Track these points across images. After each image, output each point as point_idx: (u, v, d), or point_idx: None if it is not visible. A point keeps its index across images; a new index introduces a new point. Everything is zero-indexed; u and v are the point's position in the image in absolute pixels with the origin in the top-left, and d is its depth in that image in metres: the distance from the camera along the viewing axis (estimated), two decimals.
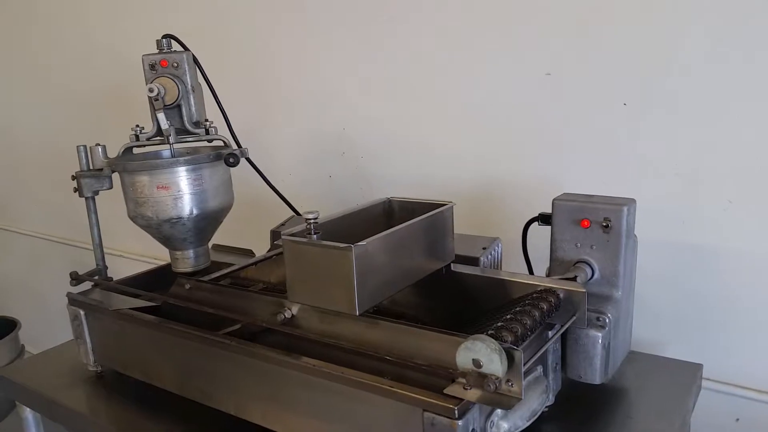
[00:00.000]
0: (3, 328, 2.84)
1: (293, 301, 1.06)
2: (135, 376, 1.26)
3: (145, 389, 1.22)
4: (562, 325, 0.99)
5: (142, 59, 1.32)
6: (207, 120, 1.38)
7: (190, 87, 1.34)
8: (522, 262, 1.32)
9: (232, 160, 1.32)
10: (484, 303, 1.10)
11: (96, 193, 1.38)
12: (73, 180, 1.36)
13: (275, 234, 1.46)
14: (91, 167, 1.37)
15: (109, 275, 1.44)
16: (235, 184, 1.41)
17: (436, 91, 1.61)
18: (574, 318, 0.99)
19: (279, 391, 1.00)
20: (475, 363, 0.78)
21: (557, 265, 1.12)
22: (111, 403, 1.26)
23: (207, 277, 1.28)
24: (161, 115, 1.31)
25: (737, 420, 1.34)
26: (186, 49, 1.37)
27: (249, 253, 1.56)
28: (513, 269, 1.24)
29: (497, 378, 0.77)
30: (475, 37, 1.51)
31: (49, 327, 3.02)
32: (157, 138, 1.35)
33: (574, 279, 1.04)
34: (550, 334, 0.99)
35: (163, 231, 1.31)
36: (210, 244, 1.44)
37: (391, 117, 1.71)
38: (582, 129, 1.40)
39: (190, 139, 1.37)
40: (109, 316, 1.26)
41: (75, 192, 1.36)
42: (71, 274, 1.39)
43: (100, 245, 1.44)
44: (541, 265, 1.21)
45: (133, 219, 1.33)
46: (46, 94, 2.78)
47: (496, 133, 1.53)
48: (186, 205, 1.29)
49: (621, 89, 1.33)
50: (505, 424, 0.88)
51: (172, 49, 1.35)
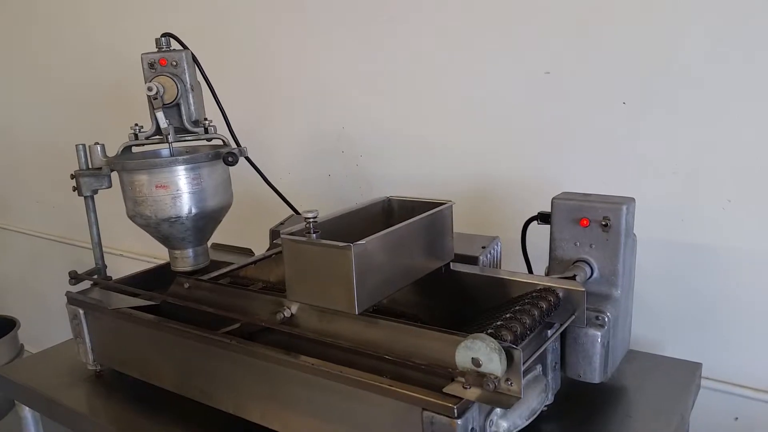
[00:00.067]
0: (2, 327, 2.83)
1: (292, 300, 1.06)
2: (134, 375, 1.26)
3: (144, 388, 1.22)
4: (562, 324, 0.99)
5: (141, 58, 1.32)
6: (206, 119, 1.38)
7: (189, 86, 1.34)
8: (521, 261, 1.32)
9: (231, 159, 1.32)
10: (483, 302, 1.10)
11: (95, 192, 1.38)
12: (72, 179, 1.36)
13: (274, 233, 1.46)
14: (90, 166, 1.37)
15: (108, 274, 1.45)
16: (235, 183, 1.41)
17: (435, 90, 1.61)
18: (574, 317, 0.99)
19: (278, 390, 1.00)
20: (475, 362, 0.78)
21: (556, 264, 1.12)
22: (110, 402, 1.26)
23: (206, 276, 1.28)
24: (160, 114, 1.31)
25: (736, 419, 1.34)
26: (185, 47, 1.37)
27: (248, 252, 1.56)
28: (512, 268, 1.24)
29: (496, 377, 0.77)
30: (475, 37, 1.51)
31: (48, 326, 3.03)
32: (156, 137, 1.35)
33: (573, 278, 1.04)
34: (550, 333, 0.99)
35: (161, 230, 1.31)
36: (209, 243, 1.44)
37: (391, 116, 1.71)
38: (582, 128, 1.40)
39: (189, 138, 1.37)
40: (108, 315, 1.26)
41: (74, 191, 1.37)
42: (70, 273, 1.39)
43: (99, 244, 1.44)
44: (540, 264, 1.22)
45: (132, 218, 1.33)
46: (45, 94, 2.78)
47: (496, 132, 1.53)
48: (185, 204, 1.29)
49: (621, 89, 1.33)
50: (504, 423, 0.88)
51: (171, 48, 1.35)
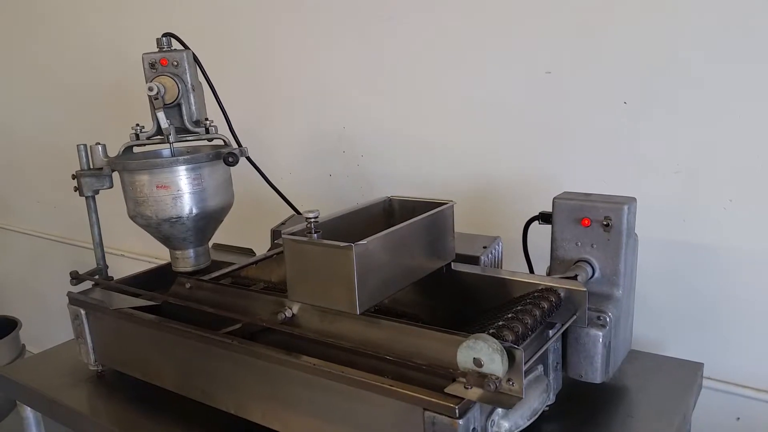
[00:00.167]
0: (3, 327, 2.84)
1: (294, 301, 1.06)
2: (135, 376, 1.26)
3: (145, 389, 1.22)
4: (563, 324, 0.98)
5: (142, 58, 1.32)
6: (207, 119, 1.38)
7: (190, 86, 1.34)
8: (522, 261, 1.32)
9: (231, 159, 1.32)
10: (484, 302, 1.10)
11: (96, 192, 1.38)
12: (73, 179, 1.36)
13: (275, 233, 1.46)
14: (91, 166, 1.37)
15: (109, 274, 1.45)
16: (236, 183, 1.41)
17: (436, 89, 1.61)
18: (575, 317, 0.99)
19: (279, 390, 1.00)
20: (476, 362, 0.78)
21: (558, 264, 1.12)
22: (111, 402, 1.26)
23: (207, 277, 1.28)
24: (161, 114, 1.31)
25: (738, 419, 1.34)
26: (186, 47, 1.36)
27: (249, 252, 1.56)
28: (513, 268, 1.24)
29: (498, 377, 0.77)
30: (476, 37, 1.51)
31: (49, 326, 3.02)
32: (157, 137, 1.35)
33: (574, 278, 1.04)
34: (551, 333, 0.99)
35: (162, 230, 1.31)
36: (210, 244, 1.44)
37: (392, 116, 1.71)
38: (582, 128, 1.40)
39: (190, 138, 1.37)
40: (109, 315, 1.26)
41: (75, 191, 1.36)
42: (71, 274, 1.39)
43: (101, 244, 1.44)
44: (541, 264, 1.21)
45: (132, 218, 1.33)
46: (46, 93, 2.78)
47: (496, 132, 1.53)
48: (186, 204, 1.29)
49: (621, 88, 1.33)
50: (505, 423, 0.88)
51: (173, 48, 1.35)
